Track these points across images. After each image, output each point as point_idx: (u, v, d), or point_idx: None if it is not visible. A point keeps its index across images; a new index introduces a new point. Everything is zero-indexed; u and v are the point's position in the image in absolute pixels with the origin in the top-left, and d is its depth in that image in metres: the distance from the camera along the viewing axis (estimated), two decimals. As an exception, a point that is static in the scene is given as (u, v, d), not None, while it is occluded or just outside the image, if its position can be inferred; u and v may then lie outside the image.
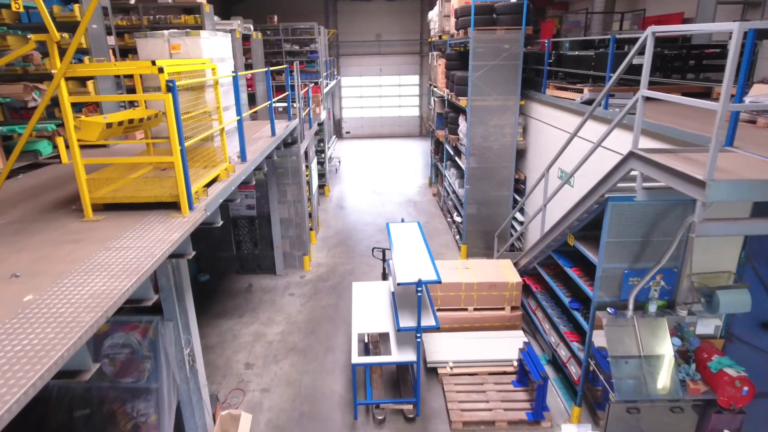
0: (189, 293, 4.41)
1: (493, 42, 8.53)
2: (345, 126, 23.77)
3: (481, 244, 9.82)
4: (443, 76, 11.13)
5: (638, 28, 12.97)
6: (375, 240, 10.85)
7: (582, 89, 7.31)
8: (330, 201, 13.79)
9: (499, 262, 7.38)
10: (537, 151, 8.91)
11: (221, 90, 4.80)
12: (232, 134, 5.28)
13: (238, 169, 4.84)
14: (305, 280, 9.04)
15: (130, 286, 2.48)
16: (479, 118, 8.96)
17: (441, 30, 11.43)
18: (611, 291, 4.88)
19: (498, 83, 8.73)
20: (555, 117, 8.05)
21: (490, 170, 9.29)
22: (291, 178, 8.92)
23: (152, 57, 4.47)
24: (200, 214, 3.57)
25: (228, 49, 5.11)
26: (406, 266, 5.36)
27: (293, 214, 9.12)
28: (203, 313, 7.93)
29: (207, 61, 4.46)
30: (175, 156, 3.37)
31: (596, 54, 7.31)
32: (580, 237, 5.39)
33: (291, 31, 14.43)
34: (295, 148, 8.67)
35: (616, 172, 4.29)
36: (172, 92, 3.27)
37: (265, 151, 5.90)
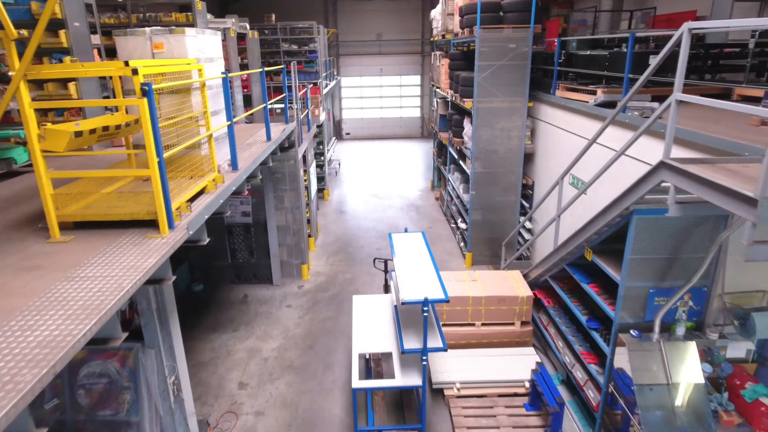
0: (174, 316, 4.01)
1: (500, 41, 8.14)
2: (345, 127, 23.37)
3: (487, 251, 9.42)
4: (447, 77, 10.74)
5: (646, 27, 12.57)
6: (376, 247, 10.45)
7: (595, 91, 6.92)
8: (329, 205, 13.39)
9: (508, 274, 6.98)
10: (546, 155, 8.51)
11: (210, 93, 4.41)
12: (223, 140, 4.88)
13: (228, 179, 4.44)
14: (303, 290, 8.64)
15: (88, 329, 2.08)
16: (485, 121, 8.56)
17: (444, 29, 11.03)
18: (634, 311, 4.48)
19: (505, 84, 8.34)
20: (565, 120, 7.65)
21: (496, 175, 8.90)
22: (288, 184, 8.53)
23: (133, 57, 4.08)
24: (181, 234, 3.17)
25: (217, 48, 4.71)
26: (410, 283, 4.96)
27: (291, 221, 8.72)
28: (196, 326, 7.54)
29: (193, 62, 4.06)
30: (152, 168, 2.98)
31: (610, 53, 6.90)
32: (599, 251, 4.99)
33: (290, 30, 14.03)
34: (293, 152, 8.28)
35: (644, 184, 3.89)
36: (147, 97, 2.88)
37: (259, 158, 5.51)
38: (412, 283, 4.95)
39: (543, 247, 8.47)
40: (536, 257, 9.04)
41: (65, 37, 5.51)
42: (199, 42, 4.24)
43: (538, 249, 8.92)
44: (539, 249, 8.84)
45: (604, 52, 7.11)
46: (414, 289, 4.82)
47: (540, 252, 8.78)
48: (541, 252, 8.70)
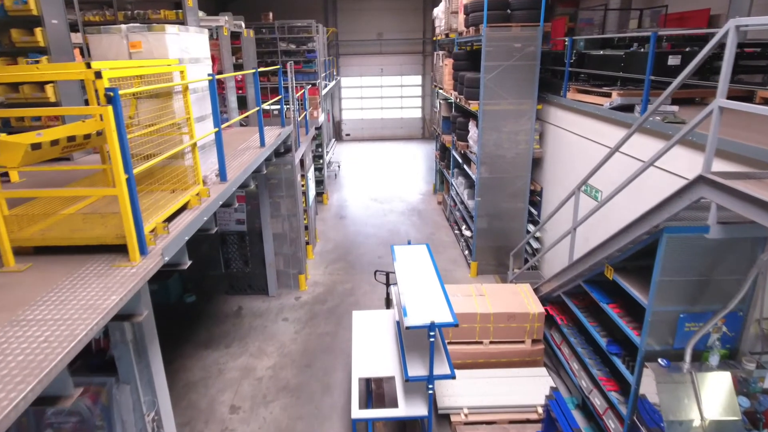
0: (154, 346, 3.60)
1: (508, 40, 7.72)
2: (345, 128, 22.95)
3: (493, 260, 9.01)
4: (450, 78, 10.32)
5: (656, 26, 12.16)
6: (377, 255, 10.04)
7: (610, 93, 6.52)
8: (329, 210, 12.98)
9: (518, 288, 6.56)
10: (555, 160, 8.10)
11: (195, 97, 4.00)
12: (211, 148, 4.47)
13: (215, 192, 4.03)
14: (300, 302, 8.23)
15: (22, 398, 1.67)
16: (492, 124, 8.15)
17: (448, 27, 10.62)
18: (662, 338, 4.07)
19: (513, 85, 7.93)
20: (577, 123, 7.24)
21: (503, 181, 8.49)
22: (285, 190, 8.11)
23: (108, 57, 3.67)
24: (155, 261, 2.76)
25: (204, 47, 4.30)
26: (415, 304, 4.54)
27: (287, 229, 8.31)
28: (187, 341, 7.12)
29: (173, 62, 3.65)
30: (118, 187, 2.56)
31: (626, 53, 6.49)
32: (621, 267, 4.58)
33: (288, 29, 13.61)
34: (290, 157, 7.86)
35: (678, 200, 3.47)
36: (113, 104, 2.46)
37: (251, 166, 5.09)
38: (417, 305, 4.54)
39: (553, 256, 8.06)
40: (546, 267, 8.64)
41: (42, 35, 5.10)
42: (182, 41, 3.83)
43: (548, 259, 8.51)
44: (549, 259, 8.43)
45: (619, 52, 6.70)
46: (419, 311, 4.41)
47: (550, 262, 8.37)
48: (551, 262, 8.29)
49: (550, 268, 8.39)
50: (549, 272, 8.43)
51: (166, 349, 7.05)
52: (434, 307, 4.52)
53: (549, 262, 8.48)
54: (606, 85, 7.13)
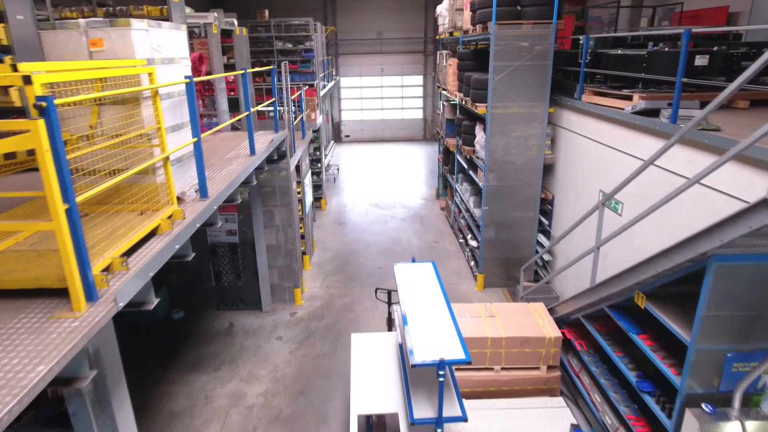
0: (120, 394, 3.07)
1: (518, 39, 7.20)
2: (344, 129, 22.42)
3: (501, 272, 8.49)
4: (455, 78, 9.80)
5: (670, 24, 11.63)
6: (377, 265, 9.52)
7: (631, 96, 5.99)
8: (327, 216, 12.45)
9: (530, 308, 6.04)
10: (568, 167, 7.57)
11: (169, 103, 3.47)
12: (191, 160, 3.94)
13: (193, 212, 3.50)
14: (296, 318, 7.70)
15: None
16: (500, 128, 7.63)
17: (452, 26, 10.09)
18: (706, 379, 3.55)
19: (523, 87, 7.41)
20: (593, 128, 6.72)
21: (512, 189, 7.96)
22: (279, 199, 7.59)
23: (65, 57, 3.14)
24: (106, 309, 2.24)
25: (181, 46, 3.78)
26: (422, 336, 4.02)
27: (282, 240, 7.78)
28: (173, 364, 6.60)
29: (140, 63, 3.12)
30: (55, 221, 2.04)
31: (649, 53, 5.97)
32: (654, 294, 4.05)
33: (284, 27, 13.08)
34: (284, 164, 7.34)
35: (732, 226, 2.95)
36: (45, 116, 1.94)
37: (238, 178, 4.57)
38: (424, 337, 4.01)
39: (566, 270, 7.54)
40: (558, 281, 8.11)
41: (4, 32, 4.55)
42: (152, 38, 3.30)
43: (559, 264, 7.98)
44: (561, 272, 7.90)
45: (641, 52, 6.17)
46: (427, 345, 3.89)
47: (562, 276, 7.84)
48: (563, 276, 7.76)
49: (563, 283, 7.87)
50: (562, 287, 7.91)
51: (150, 373, 6.57)
52: (443, 339, 3.99)
53: (561, 276, 7.96)
54: (625, 86, 6.61)
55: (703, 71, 5.85)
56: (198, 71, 6.50)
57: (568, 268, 5.85)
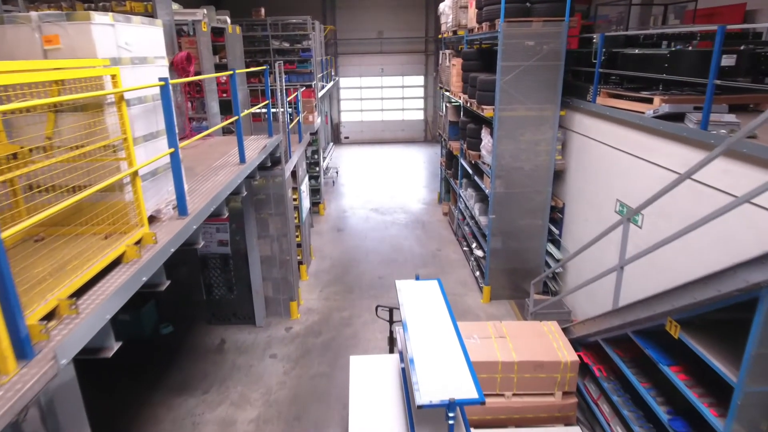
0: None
1: (528, 37, 6.76)
2: (343, 131, 21.98)
3: (508, 284, 8.05)
4: (459, 79, 9.36)
5: (682, 22, 11.20)
6: (378, 275, 9.08)
7: (651, 98, 5.56)
8: (326, 221, 12.01)
9: (543, 327, 5.60)
10: (580, 173, 7.14)
11: (141, 109, 3.03)
12: (168, 173, 3.50)
13: (168, 233, 3.07)
14: (292, 333, 7.26)
15: None
16: (508, 132, 7.19)
17: (456, 24, 9.66)
18: (754, 423, 3.11)
19: (533, 89, 6.97)
20: (609, 133, 6.28)
21: (520, 196, 7.53)
22: (274, 207, 7.15)
23: (15, 55, 2.70)
24: (43, 370, 1.79)
25: (156, 43, 3.34)
26: (428, 370, 3.58)
27: (277, 251, 7.35)
28: (159, 385, 6.16)
29: (103, 63, 2.68)
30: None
31: (672, 53, 5.53)
32: (688, 322, 3.62)
33: (282, 26, 12.64)
34: (279, 170, 6.90)
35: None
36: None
37: (224, 191, 4.13)
38: (431, 370, 3.57)
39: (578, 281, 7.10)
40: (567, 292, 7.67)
41: (-35, 29, 4.11)
42: (119, 34, 2.86)
43: (570, 282, 7.55)
44: (572, 284, 7.46)
45: (662, 51, 5.74)
46: (434, 381, 3.45)
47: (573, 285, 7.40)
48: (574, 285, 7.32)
49: (574, 296, 7.43)
50: (573, 301, 7.47)
51: (134, 394, 6.12)
52: (453, 373, 3.55)
53: (570, 280, 7.52)
54: (643, 88, 6.17)
55: (730, 72, 5.41)
56: (186, 72, 6.06)
57: (585, 286, 5.41)
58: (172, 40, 6.20)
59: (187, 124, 6.48)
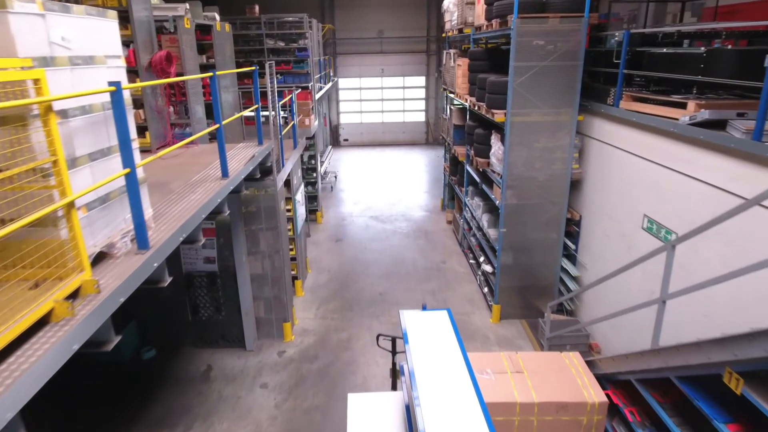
0: None
1: (544, 35, 6.17)
2: (343, 133, 21.37)
3: (519, 302, 7.45)
4: (465, 80, 8.76)
5: (698, 20, 10.60)
6: (378, 290, 8.47)
7: (684, 103, 4.96)
8: (323, 230, 11.40)
9: (564, 359, 4.99)
10: (600, 183, 6.54)
11: (86, 121, 2.43)
12: (125, 197, 2.89)
13: (120, 274, 2.46)
14: (285, 358, 6.65)
15: None
16: (521, 138, 6.59)
17: (462, 21, 9.05)
18: None
19: (549, 91, 6.38)
20: (635, 140, 5.68)
21: (533, 207, 6.93)
22: (265, 221, 6.55)
23: None
24: None
25: (108, 39, 2.73)
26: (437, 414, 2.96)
27: (269, 268, 6.74)
28: (136, 420, 5.55)
29: (23, 63, 2.08)
30: None
31: (709, 52, 4.92)
32: (751, 374, 3.01)
33: (277, 24, 12.03)
34: (270, 181, 6.30)
35: None
36: None
37: (199, 214, 3.52)
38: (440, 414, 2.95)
39: (595, 299, 6.50)
40: (584, 310, 7.07)
41: None
42: (51, 27, 2.26)
43: (589, 302, 6.95)
44: (590, 301, 6.87)
45: (697, 50, 5.13)
46: (443, 426, 2.83)
47: (591, 305, 6.81)
48: (592, 305, 6.72)
49: (592, 314, 6.83)
50: (589, 316, 6.87)
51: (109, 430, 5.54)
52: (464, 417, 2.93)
53: (589, 305, 6.92)
54: (671, 91, 5.57)
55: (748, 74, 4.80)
56: (165, 73, 5.46)
57: (613, 317, 4.80)
58: (151, 38, 5.60)
59: (168, 130, 5.88)
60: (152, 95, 5.58)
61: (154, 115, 5.64)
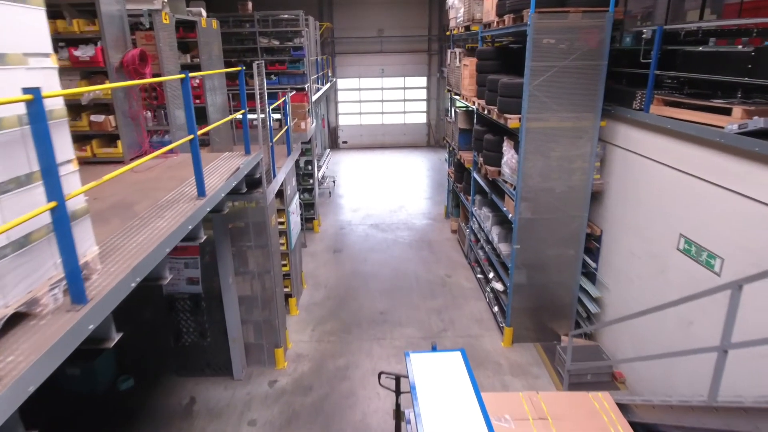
0: None
1: (564, 31, 5.54)
2: (341, 135, 20.74)
3: (533, 324, 6.83)
4: (472, 81, 8.13)
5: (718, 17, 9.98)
6: (379, 309, 7.84)
7: (728, 108, 4.34)
8: (321, 240, 10.77)
9: (593, 402, 4.36)
10: (624, 196, 5.92)
11: None
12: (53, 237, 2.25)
13: (36, 347, 1.84)
14: (276, 389, 6.03)
15: None
16: (537, 146, 5.97)
17: (469, 18, 8.43)
18: None
19: (568, 94, 5.76)
20: (668, 150, 5.06)
21: (550, 222, 6.31)
22: (254, 238, 5.92)
23: None
24: None
25: (30, 34, 2.10)
26: None
27: (259, 289, 6.12)
28: (106, 467, 4.93)
29: None
30: None
31: (758, 50, 4.29)
32: None
33: (272, 22, 11.38)
34: (259, 194, 5.67)
35: None
36: None
37: (163, 247, 2.88)
38: None
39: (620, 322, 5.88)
40: (607, 336, 6.45)
41: None
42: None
43: (612, 326, 6.32)
44: (613, 326, 6.24)
45: (744, 49, 4.50)
46: None
47: (614, 330, 6.17)
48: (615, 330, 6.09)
49: (615, 339, 6.22)
50: (613, 344, 6.25)
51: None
52: None
53: (611, 327, 6.30)
54: (711, 95, 4.95)
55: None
56: (139, 74, 4.83)
57: (653, 358, 4.17)
58: (124, 35, 4.97)
59: (144, 138, 5.25)
60: (125, 99, 4.95)
61: (127, 121, 5.01)
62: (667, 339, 5.10)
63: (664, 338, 5.15)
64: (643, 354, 5.56)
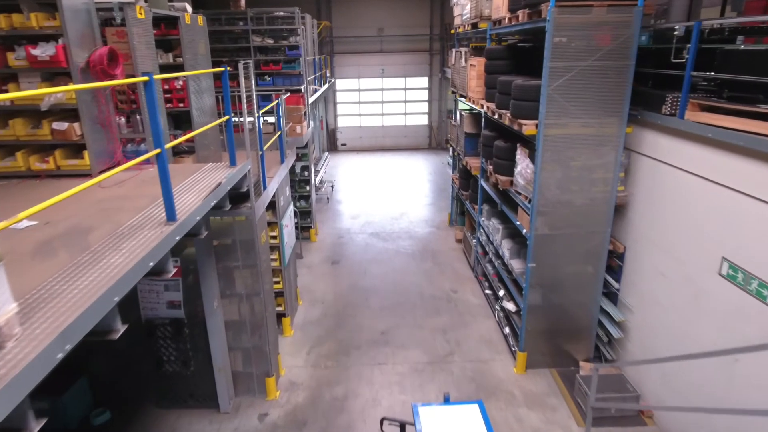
0: None
1: (587, 27, 4.97)
2: (340, 137, 20.15)
3: (548, 348, 6.25)
4: (480, 83, 7.56)
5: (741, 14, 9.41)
6: (380, 329, 7.26)
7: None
8: (318, 250, 10.18)
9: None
10: (652, 210, 5.34)
11: None
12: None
13: None
14: (267, 424, 5.45)
15: None
16: (556, 155, 5.39)
17: (476, 15, 7.85)
18: None
19: (591, 98, 5.19)
20: (707, 161, 4.49)
21: (568, 237, 5.73)
22: (242, 257, 5.34)
23: None
24: None
25: None
26: None
27: (247, 313, 5.53)
28: None
29: None
30: None
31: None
32: None
33: (267, 20, 10.79)
34: (247, 209, 5.09)
35: None
36: None
37: (109, 296, 2.30)
38: None
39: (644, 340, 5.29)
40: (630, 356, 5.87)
41: None
42: None
43: (633, 351, 5.74)
44: (637, 345, 5.65)
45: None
46: None
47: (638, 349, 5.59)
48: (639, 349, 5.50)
49: (641, 368, 5.63)
50: (638, 375, 5.67)
51: None
52: None
53: (634, 353, 5.72)
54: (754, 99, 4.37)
55: None
56: (108, 76, 4.25)
57: (705, 411, 3.59)
58: (92, 31, 4.39)
59: (116, 147, 4.67)
60: (92, 103, 4.36)
61: (96, 128, 4.43)
62: (704, 376, 4.52)
63: (701, 374, 4.57)
64: (674, 389, 5.00)
